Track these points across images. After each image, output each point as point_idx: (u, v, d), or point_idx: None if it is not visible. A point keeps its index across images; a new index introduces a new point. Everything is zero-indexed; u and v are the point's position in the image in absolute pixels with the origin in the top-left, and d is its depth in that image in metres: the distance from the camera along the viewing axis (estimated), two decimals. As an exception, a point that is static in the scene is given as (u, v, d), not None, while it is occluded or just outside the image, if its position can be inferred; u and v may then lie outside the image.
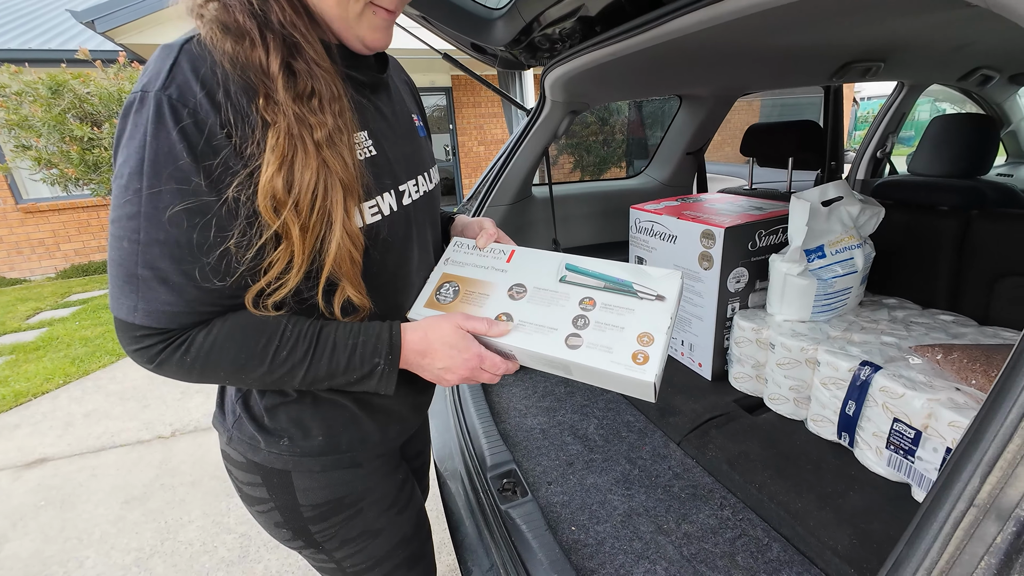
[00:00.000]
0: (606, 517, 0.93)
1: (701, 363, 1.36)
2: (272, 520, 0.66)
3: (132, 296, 0.46)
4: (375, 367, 0.56)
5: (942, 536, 0.28)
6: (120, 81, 4.09)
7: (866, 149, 2.30)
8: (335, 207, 0.50)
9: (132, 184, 0.44)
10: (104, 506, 1.90)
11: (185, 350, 0.49)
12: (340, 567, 0.71)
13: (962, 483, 0.28)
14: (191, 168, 0.45)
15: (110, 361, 3.23)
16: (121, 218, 0.45)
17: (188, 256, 0.46)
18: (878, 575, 0.32)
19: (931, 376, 0.90)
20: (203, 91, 0.45)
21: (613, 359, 0.55)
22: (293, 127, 0.47)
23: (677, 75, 1.41)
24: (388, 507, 0.71)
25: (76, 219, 5.96)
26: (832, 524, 0.85)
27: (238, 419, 0.62)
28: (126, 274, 0.46)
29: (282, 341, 0.52)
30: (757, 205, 1.38)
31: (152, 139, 0.44)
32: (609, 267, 0.64)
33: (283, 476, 0.62)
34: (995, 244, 1.14)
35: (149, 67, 0.46)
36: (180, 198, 0.45)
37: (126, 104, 0.46)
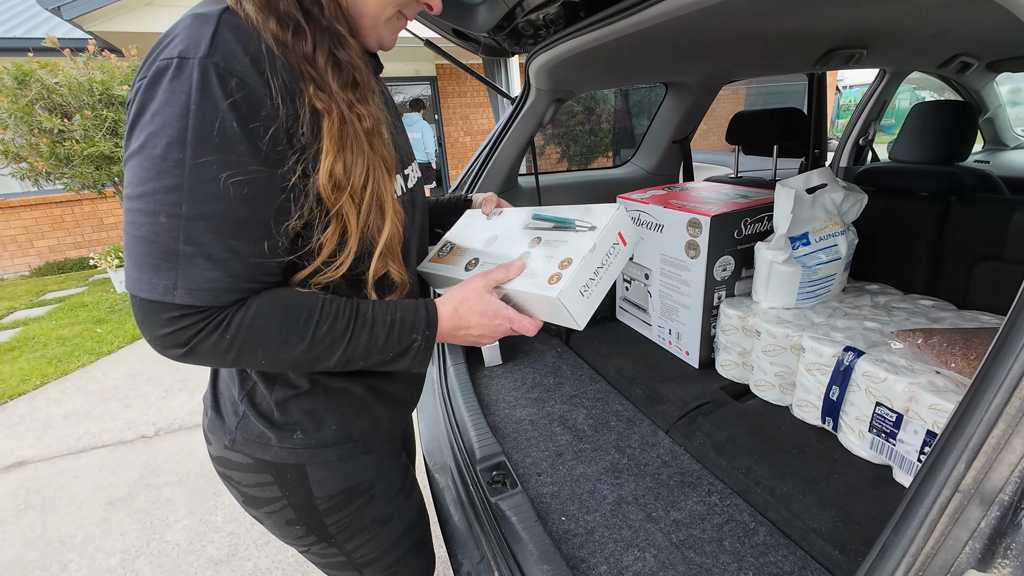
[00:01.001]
0: (596, 506, 0.94)
1: (688, 351, 1.37)
2: (284, 519, 0.65)
3: (170, 274, 0.43)
4: (412, 343, 0.56)
5: (928, 522, 0.28)
6: (90, 71, 3.93)
7: (849, 137, 2.32)
8: (385, 191, 0.53)
9: (171, 155, 0.42)
10: (87, 508, 1.86)
11: (224, 329, 0.47)
12: (350, 559, 0.71)
13: (947, 469, 0.28)
14: (240, 139, 0.43)
15: (89, 360, 3.15)
16: (156, 191, 0.42)
17: (235, 230, 0.45)
18: (865, 561, 0.32)
19: (912, 360, 0.91)
20: (251, 62, 0.44)
21: (535, 282, 0.59)
22: (346, 115, 0.49)
23: (662, 62, 1.39)
24: (397, 492, 0.73)
25: (49, 215, 5.77)
26: (816, 506, 0.86)
27: (243, 419, 0.60)
28: (163, 251, 0.43)
29: (322, 316, 0.51)
30: (743, 193, 1.38)
31: (197, 107, 0.41)
32: (564, 210, 0.69)
33: (297, 471, 0.62)
34: (973, 229, 1.16)
35: (180, 35, 0.43)
36: (228, 169, 0.43)
37: (155, 72, 0.42)
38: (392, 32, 0.59)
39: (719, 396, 1.21)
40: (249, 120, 0.44)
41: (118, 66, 4.04)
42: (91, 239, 6.02)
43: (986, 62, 2.03)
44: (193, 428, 2.35)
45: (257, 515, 0.67)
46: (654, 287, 1.44)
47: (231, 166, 0.43)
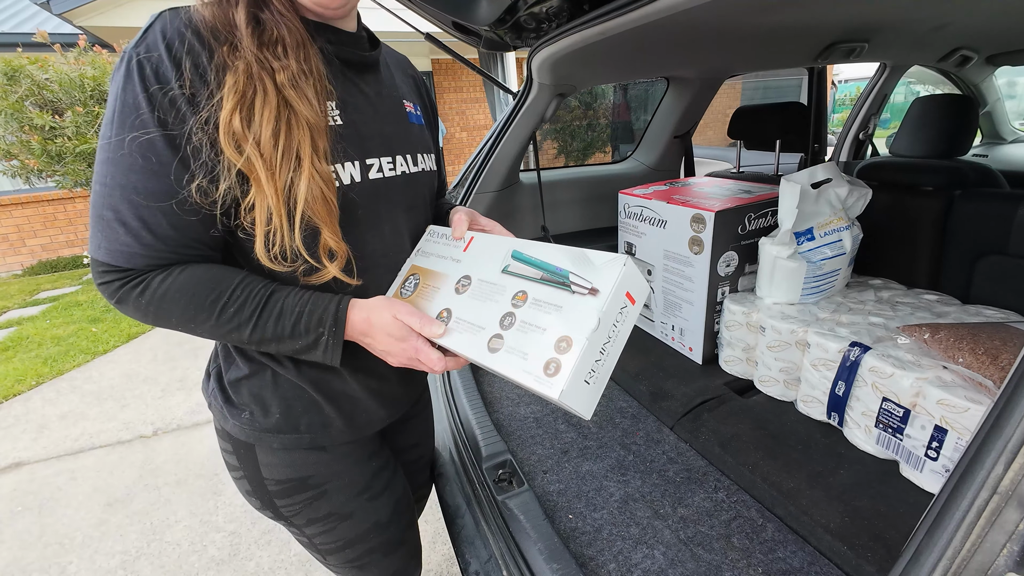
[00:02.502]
0: (603, 504, 0.93)
1: (692, 347, 1.37)
2: (243, 488, 0.70)
3: (98, 235, 0.51)
4: (319, 336, 0.57)
5: (964, 524, 0.28)
6: (81, 66, 3.87)
7: (848, 131, 2.32)
8: (302, 146, 0.51)
9: (105, 133, 0.49)
10: (85, 509, 1.84)
11: (141, 291, 0.52)
12: (311, 543, 0.75)
13: (984, 471, 0.28)
14: (149, 118, 0.48)
15: (85, 360, 3.12)
16: (97, 163, 0.50)
17: (144, 202, 0.49)
18: (898, 563, 0.32)
19: (919, 355, 0.91)
20: (166, 49, 0.49)
21: (525, 367, 0.49)
22: (253, 67, 0.50)
23: (665, 56, 1.38)
24: (359, 493, 0.72)
25: (41, 213, 5.70)
26: (823, 502, 0.86)
27: (212, 391, 0.67)
28: (95, 214, 0.50)
29: (231, 299, 0.54)
30: (746, 188, 1.38)
31: (121, 92, 0.48)
32: (553, 253, 0.56)
33: (248, 448, 0.66)
34: (977, 223, 1.16)
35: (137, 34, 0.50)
36: (139, 147, 0.48)
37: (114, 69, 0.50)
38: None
39: (723, 392, 1.20)
40: (157, 101, 0.48)
41: (109, 61, 3.98)
42: (84, 237, 5.95)
43: (986, 56, 2.02)
44: (191, 428, 2.33)
45: (232, 477, 0.71)
46: (657, 283, 1.43)
47: (143, 145, 0.48)
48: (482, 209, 1.50)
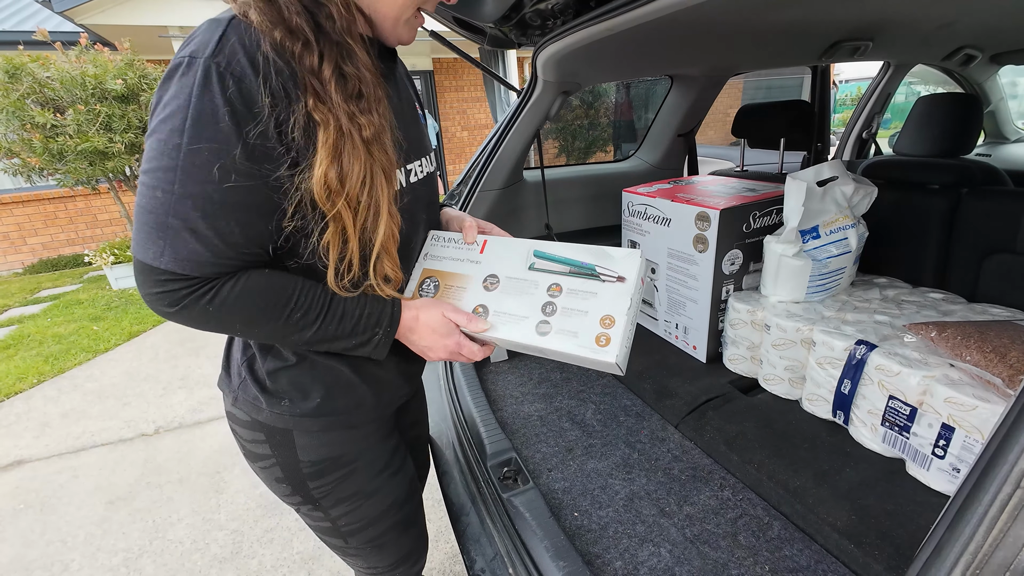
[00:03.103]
0: (608, 502, 0.93)
1: (696, 346, 1.36)
2: (273, 476, 0.71)
3: (160, 242, 0.49)
4: (374, 335, 0.62)
5: (987, 519, 0.28)
6: (83, 64, 3.87)
7: (852, 130, 2.32)
8: (382, 195, 0.56)
9: (173, 140, 0.47)
10: (87, 507, 1.84)
11: (211, 299, 0.52)
12: (335, 525, 0.76)
13: (1008, 464, 0.27)
14: (231, 131, 0.48)
15: (86, 359, 3.12)
16: (157, 170, 0.48)
17: (218, 212, 0.49)
18: (917, 558, 0.32)
19: (925, 353, 0.91)
20: (249, 64, 0.49)
21: (579, 343, 0.60)
22: (343, 124, 0.52)
23: (669, 54, 1.38)
24: (381, 469, 0.76)
25: (42, 211, 5.70)
26: (830, 500, 0.86)
27: (243, 381, 0.67)
28: (156, 222, 0.48)
29: (296, 304, 0.57)
30: (750, 187, 1.37)
31: (196, 100, 0.47)
32: (574, 251, 0.67)
33: (285, 434, 0.67)
34: (984, 221, 1.15)
35: (196, 37, 0.49)
36: (217, 157, 0.48)
37: (170, 68, 0.48)
38: (411, 30, 0.62)
39: (728, 390, 1.20)
40: (241, 116, 0.48)
41: (111, 59, 3.97)
42: (85, 236, 5.96)
43: (990, 55, 2.02)
44: (193, 426, 2.33)
45: (254, 468, 0.72)
46: (661, 281, 1.43)
47: (220, 155, 0.48)
48: (486, 207, 1.50)
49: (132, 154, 4.08)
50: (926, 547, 0.31)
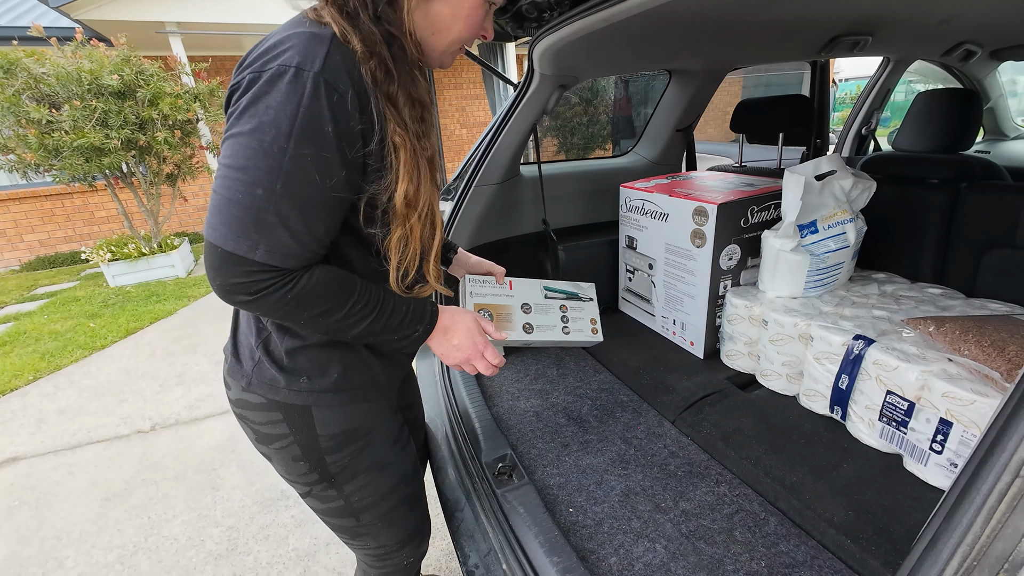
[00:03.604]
0: (603, 497, 0.92)
1: (693, 342, 1.36)
2: (290, 455, 0.73)
3: (256, 236, 0.53)
4: (415, 331, 0.71)
5: (985, 509, 0.27)
6: (79, 60, 3.84)
7: (851, 126, 2.31)
8: (435, 208, 0.66)
9: (278, 143, 0.52)
10: (83, 504, 1.83)
11: (290, 288, 0.57)
12: (348, 503, 0.78)
13: (1007, 453, 0.27)
14: (333, 141, 0.54)
15: (83, 355, 3.11)
16: (259, 168, 0.52)
17: (312, 211, 0.56)
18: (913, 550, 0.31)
19: (924, 348, 0.90)
20: (350, 83, 0.55)
21: (585, 335, 1.05)
22: (416, 150, 0.60)
23: (667, 48, 1.37)
24: (394, 441, 0.81)
25: (39, 208, 5.68)
26: (827, 496, 0.85)
27: (258, 363, 0.69)
28: (254, 217, 0.53)
29: (359, 297, 0.63)
30: (748, 182, 1.37)
31: (306, 111, 0.52)
32: (564, 285, 1.09)
33: (303, 411, 0.70)
34: (984, 216, 1.14)
35: (297, 48, 0.53)
36: (319, 163, 0.54)
37: (274, 73, 0.52)
38: (452, 58, 0.70)
39: (725, 386, 1.20)
40: (341, 129, 0.54)
41: (107, 55, 3.95)
42: (82, 233, 5.93)
43: (990, 50, 2.01)
44: (190, 423, 2.32)
45: (267, 451, 0.75)
46: (658, 277, 1.42)
47: (321, 161, 0.54)
48: (482, 202, 1.49)
49: (128, 150, 4.05)
50: (922, 539, 0.30)
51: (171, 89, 4.15)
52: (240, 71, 0.55)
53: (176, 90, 4.20)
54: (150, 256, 4.64)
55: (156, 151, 4.19)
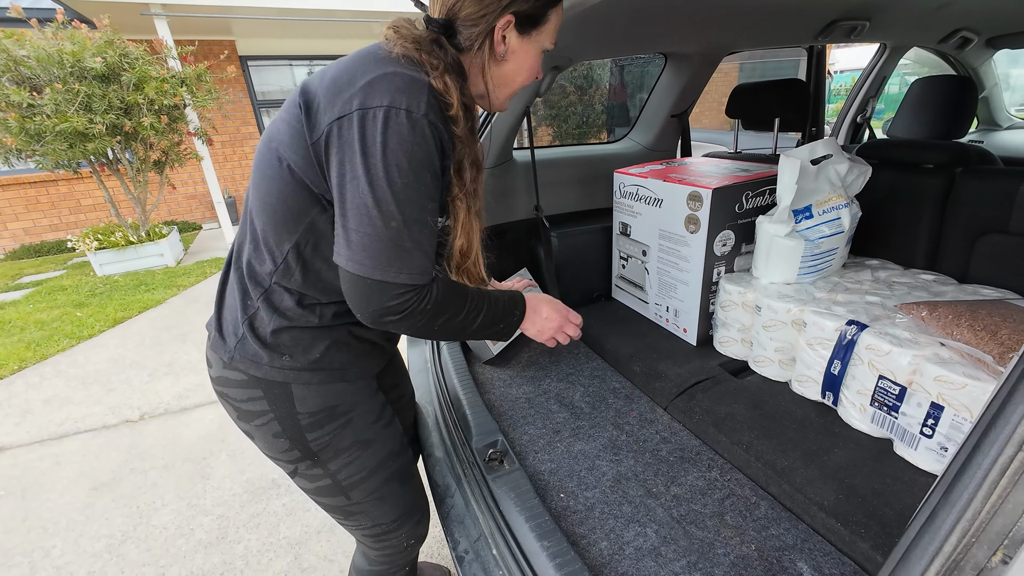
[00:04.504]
0: (595, 483, 0.92)
1: (686, 329, 1.35)
2: (271, 431, 0.74)
3: (397, 263, 0.61)
4: (514, 316, 0.81)
5: (987, 483, 0.26)
6: (60, 41, 3.73)
7: (847, 114, 2.30)
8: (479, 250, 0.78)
9: (402, 178, 0.59)
10: (70, 494, 1.81)
11: (427, 301, 0.65)
12: (335, 480, 0.79)
13: (1011, 426, 0.26)
14: (436, 175, 0.63)
15: (69, 345, 3.06)
16: (389, 203, 0.59)
17: (428, 232, 0.64)
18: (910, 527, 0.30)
19: (916, 333, 0.90)
20: (443, 125, 0.63)
21: None
22: (471, 209, 0.73)
23: (663, 29, 1.34)
24: (375, 420, 0.81)
25: (23, 196, 5.56)
26: (817, 480, 0.85)
27: (241, 339, 0.71)
28: (394, 246, 0.60)
29: (470, 298, 0.72)
30: (743, 167, 1.35)
31: (418, 148, 0.60)
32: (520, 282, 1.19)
33: (283, 387, 0.71)
34: (978, 201, 1.14)
35: (402, 89, 0.59)
36: (429, 193, 0.63)
37: (385, 114, 0.58)
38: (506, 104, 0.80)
39: (718, 372, 1.19)
40: (436, 167, 0.63)
41: (89, 37, 3.84)
42: (68, 221, 5.83)
43: (986, 38, 2.00)
44: (179, 412, 2.30)
45: (249, 428, 0.75)
46: (652, 264, 1.41)
47: (430, 191, 0.63)
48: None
49: (113, 136, 3.96)
50: (920, 515, 0.29)
51: (157, 73, 4.06)
52: (334, 101, 0.59)
53: (162, 74, 4.10)
54: (138, 245, 4.57)
55: (142, 137, 4.11)
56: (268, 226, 0.67)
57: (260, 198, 0.67)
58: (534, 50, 0.74)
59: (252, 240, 0.70)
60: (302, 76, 6.80)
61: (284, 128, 0.64)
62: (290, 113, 0.64)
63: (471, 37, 0.68)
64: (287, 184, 0.64)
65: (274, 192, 0.65)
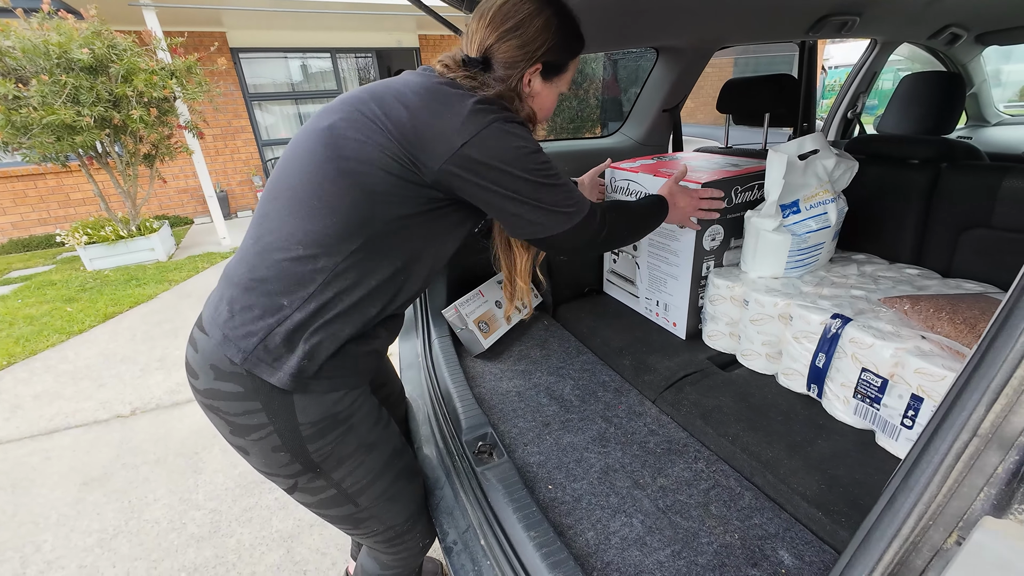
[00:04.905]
0: (583, 475, 0.93)
1: (676, 323, 1.36)
2: (270, 445, 0.71)
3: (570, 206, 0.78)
4: (664, 211, 1.03)
5: (943, 468, 0.27)
6: (46, 32, 3.67)
7: (837, 109, 2.31)
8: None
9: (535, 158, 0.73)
10: (60, 489, 1.80)
11: (603, 217, 0.83)
12: (340, 490, 0.77)
13: (966, 412, 0.26)
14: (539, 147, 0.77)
15: (59, 340, 3.04)
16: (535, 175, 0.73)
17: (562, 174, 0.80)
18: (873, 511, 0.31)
19: (899, 326, 0.91)
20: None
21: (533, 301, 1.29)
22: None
23: (654, 22, 1.34)
24: (376, 422, 0.80)
25: (11, 189, 5.48)
26: (801, 471, 0.87)
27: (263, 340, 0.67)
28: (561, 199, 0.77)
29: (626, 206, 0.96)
30: (733, 162, 1.36)
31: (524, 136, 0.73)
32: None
33: (285, 397, 0.68)
34: (963, 196, 1.15)
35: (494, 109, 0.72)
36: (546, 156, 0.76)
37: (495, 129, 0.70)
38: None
39: (706, 366, 1.20)
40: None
41: (76, 28, 3.78)
42: (57, 215, 5.76)
43: (975, 34, 2.01)
44: (171, 407, 2.29)
45: (243, 444, 0.72)
46: (642, 258, 1.42)
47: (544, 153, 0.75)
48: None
49: (102, 129, 3.91)
50: (881, 500, 0.30)
51: (146, 65, 4.00)
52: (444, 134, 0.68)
53: (151, 66, 4.05)
54: (128, 239, 4.52)
55: (132, 130, 4.06)
56: (329, 228, 0.67)
57: (321, 202, 0.67)
58: (553, 93, 0.86)
59: (296, 243, 0.67)
60: (296, 69, 6.72)
61: (366, 148, 0.67)
62: (371, 136, 0.67)
63: (503, 78, 0.77)
64: (362, 194, 0.67)
65: (344, 198, 0.67)
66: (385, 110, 0.68)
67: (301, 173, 0.69)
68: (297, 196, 0.68)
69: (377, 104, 0.69)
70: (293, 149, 0.72)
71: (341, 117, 0.69)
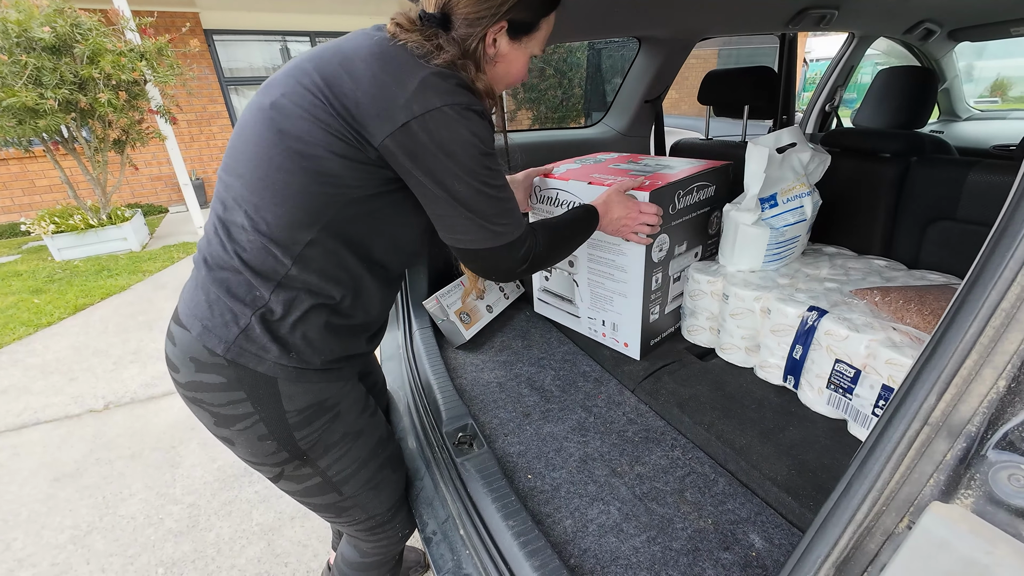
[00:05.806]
0: (562, 464, 0.94)
1: (627, 343, 1.24)
2: (256, 434, 0.70)
3: (504, 223, 0.72)
4: (593, 223, 0.96)
5: (895, 456, 0.28)
6: (4, 9, 3.48)
7: (815, 103, 2.34)
8: None
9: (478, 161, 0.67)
10: (30, 485, 1.75)
11: (535, 242, 0.78)
12: (325, 477, 0.77)
13: (918, 402, 0.27)
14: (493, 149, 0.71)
15: (26, 333, 2.93)
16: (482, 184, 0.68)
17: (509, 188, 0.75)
18: (829, 498, 0.32)
19: (871, 318, 0.94)
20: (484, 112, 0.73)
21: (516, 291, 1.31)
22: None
23: (635, 11, 1.34)
24: (362, 410, 0.80)
25: (-30, 175, 5.23)
26: (772, 457, 0.89)
27: (245, 330, 0.66)
28: (498, 213, 0.71)
29: (559, 223, 0.88)
30: (664, 163, 1.26)
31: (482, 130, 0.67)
32: None
33: (270, 384, 0.67)
34: (930, 189, 1.19)
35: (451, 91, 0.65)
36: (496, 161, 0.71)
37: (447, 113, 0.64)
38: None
39: (684, 356, 1.22)
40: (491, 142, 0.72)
41: (36, 4, 3.59)
42: (22, 203, 5.52)
43: (948, 30, 2.06)
44: (147, 400, 2.24)
45: (229, 434, 0.71)
46: (581, 275, 1.28)
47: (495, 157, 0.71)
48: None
49: (67, 112, 3.75)
50: (839, 487, 0.31)
51: (113, 46, 3.83)
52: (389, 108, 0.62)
53: (119, 47, 3.88)
54: (99, 228, 4.37)
55: (100, 114, 3.89)
56: (282, 218, 0.64)
57: (271, 190, 0.64)
58: (523, 56, 0.77)
59: (255, 231, 0.64)
60: (275, 53, 6.52)
61: (310, 127, 0.62)
62: (314, 113, 0.62)
63: (464, 36, 0.69)
64: (313, 178, 0.63)
65: (294, 185, 0.63)
66: (328, 81, 0.63)
67: (248, 161, 0.66)
68: (249, 185, 0.65)
69: (320, 74, 0.64)
70: (240, 132, 0.68)
71: (283, 92, 0.65)
